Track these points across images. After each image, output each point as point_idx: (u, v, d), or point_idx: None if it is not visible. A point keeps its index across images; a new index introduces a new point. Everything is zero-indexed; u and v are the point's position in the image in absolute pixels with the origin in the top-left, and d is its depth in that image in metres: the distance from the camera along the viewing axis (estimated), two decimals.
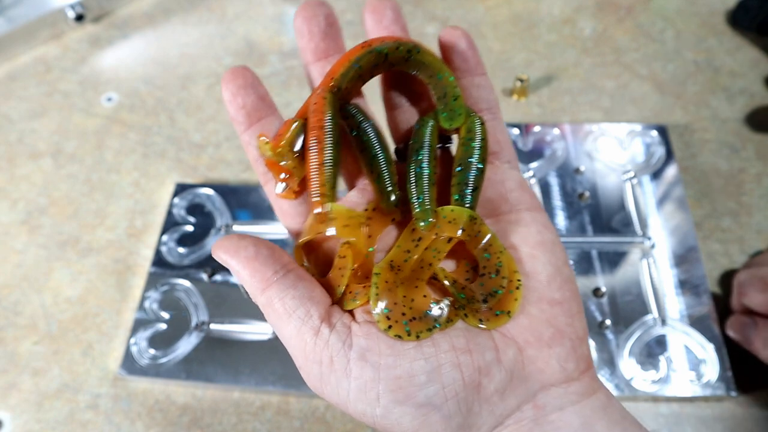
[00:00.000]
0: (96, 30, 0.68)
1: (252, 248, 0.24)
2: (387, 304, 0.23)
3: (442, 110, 0.27)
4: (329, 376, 0.23)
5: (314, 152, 0.24)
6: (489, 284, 0.24)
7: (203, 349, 0.45)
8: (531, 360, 0.24)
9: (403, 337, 0.23)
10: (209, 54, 0.65)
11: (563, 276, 0.25)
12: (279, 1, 0.69)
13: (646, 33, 0.63)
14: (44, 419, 0.44)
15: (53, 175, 0.57)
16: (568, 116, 0.57)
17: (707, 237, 0.49)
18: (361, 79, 0.27)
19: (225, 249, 0.24)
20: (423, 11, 0.67)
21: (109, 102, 0.62)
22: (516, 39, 0.64)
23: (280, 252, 0.24)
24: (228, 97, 0.26)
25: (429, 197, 0.25)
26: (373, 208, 0.26)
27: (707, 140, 0.55)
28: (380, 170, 0.26)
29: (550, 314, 0.25)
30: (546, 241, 0.26)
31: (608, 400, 0.25)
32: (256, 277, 0.24)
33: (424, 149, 0.26)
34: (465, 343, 0.23)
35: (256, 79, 0.27)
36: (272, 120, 0.27)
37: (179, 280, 0.49)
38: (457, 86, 0.27)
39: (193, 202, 0.53)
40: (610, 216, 0.49)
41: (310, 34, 0.27)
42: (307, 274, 0.25)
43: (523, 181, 0.28)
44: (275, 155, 0.26)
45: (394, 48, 0.26)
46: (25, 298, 0.50)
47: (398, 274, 0.24)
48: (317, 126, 0.25)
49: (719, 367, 0.42)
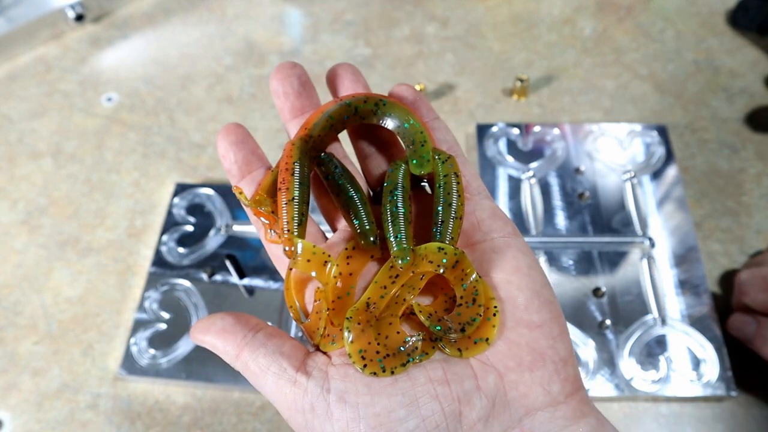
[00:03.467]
0: (96, 30, 0.68)
1: (219, 321, 0.26)
2: (361, 345, 0.24)
3: (412, 157, 0.28)
4: (313, 422, 0.24)
5: (282, 193, 0.26)
6: (466, 313, 0.25)
7: (203, 349, 0.45)
8: (513, 385, 0.24)
9: (378, 374, 0.24)
10: (209, 54, 0.65)
11: (542, 298, 0.25)
12: (279, 1, 0.69)
13: (646, 33, 0.63)
14: (44, 419, 0.44)
15: (53, 175, 0.57)
16: (568, 116, 0.57)
17: (707, 237, 0.49)
18: (333, 130, 0.29)
19: (198, 330, 0.26)
20: (423, 11, 0.67)
21: (109, 102, 0.62)
22: (516, 39, 0.64)
23: (247, 317, 0.26)
24: (222, 152, 0.29)
25: (405, 236, 0.26)
26: (353, 247, 0.27)
27: (707, 140, 0.55)
28: (357, 210, 0.27)
29: (530, 338, 0.25)
30: (521, 265, 0.26)
31: (599, 423, 0.24)
32: (228, 345, 0.25)
33: (398, 190, 0.27)
34: (442, 374, 0.24)
35: (248, 134, 0.29)
36: (262, 171, 0.29)
37: (179, 280, 0.49)
38: (424, 131, 0.28)
39: (193, 202, 0.53)
40: (610, 216, 0.49)
41: (285, 94, 0.29)
42: (277, 331, 0.26)
43: (495, 209, 0.28)
44: (254, 203, 0.27)
45: (362, 101, 0.28)
46: (25, 298, 0.50)
47: (372, 312, 0.25)
48: (284, 169, 0.26)
49: (719, 367, 0.42)
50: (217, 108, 0.60)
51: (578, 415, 0.24)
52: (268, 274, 0.48)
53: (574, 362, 0.25)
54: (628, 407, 0.42)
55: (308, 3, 0.69)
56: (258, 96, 0.61)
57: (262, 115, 0.60)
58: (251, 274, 0.49)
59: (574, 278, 0.47)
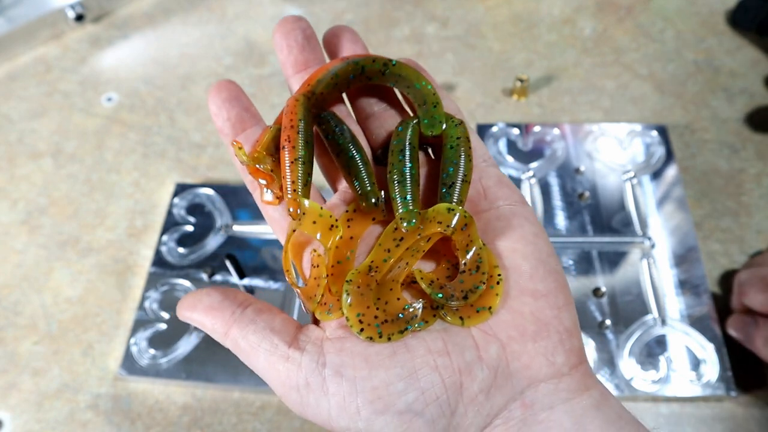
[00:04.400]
0: (96, 30, 0.68)
1: (206, 298, 0.25)
2: (359, 309, 0.23)
3: (424, 116, 0.27)
4: (308, 398, 0.23)
5: (286, 151, 0.25)
6: (469, 281, 0.24)
7: (203, 349, 0.45)
8: (515, 356, 0.23)
9: (374, 339, 0.23)
10: (209, 54, 0.65)
11: (547, 267, 0.25)
12: (279, 1, 0.69)
13: (646, 33, 0.63)
14: (44, 419, 0.44)
15: (53, 175, 0.57)
16: (568, 116, 0.57)
17: (707, 237, 0.49)
18: (337, 89, 0.27)
19: (185, 306, 0.25)
20: (423, 11, 0.67)
21: (109, 102, 0.62)
22: (516, 39, 0.64)
23: (234, 292, 0.25)
24: (214, 110, 0.27)
25: (413, 198, 0.25)
26: (354, 209, 0.26)
27: (707, 140, 0.55)
28: (358, 171, 0.26)
29: (534, 307, 0.24)
30: (527, 233, 0.25)
31: (603, 397, 0.24)
32: (216, 322, 0.24)
33: (406, 150, 0.26)
34: (442, 345, 0.23)
35: (241, 92, 0.28)
36: (257, 130, 0.28)
37: (179, 280, 0.49)
38: (436, 93, 0.27)
39: (193, 202, 0.53)
40: (610, 216, 0.49)
41: (289, 48, 0.28)
42: (266, 306, 0.25)
43: (501, 177, 0.27)
44: (252, 160, 0.26)
45: (370, 61, 0.27)
46: (25, 298, 0.50)
47: (374, 276, 0.24)
48: (288, 126, 0.25)
49: (719, 367, 0.42)
50: None
51: (582, 387, 0.23)
52: (268, 274, 0.48)
53: (579, 334, 0.25)
54: (628, 407, 0.42)
55: (308, 3, 0.69)
56: (258, 96, 0.61)
57: (262, 116, 0.60)
58: (251, 274, 0.49)
59: (574, 278, 0.47)
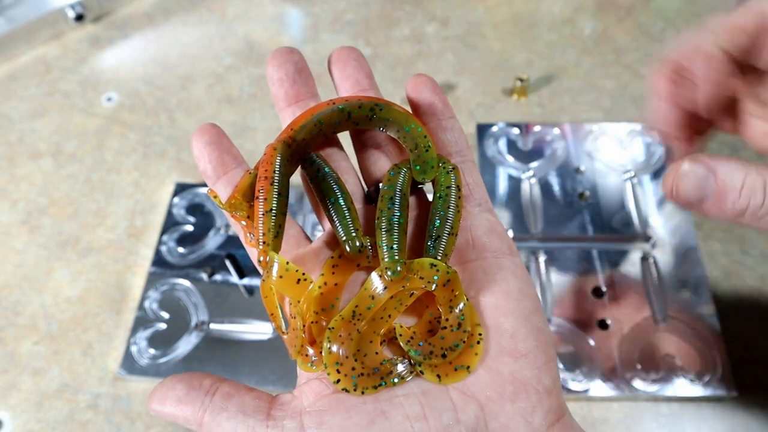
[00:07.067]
0: (96, 30, 0.68)
1: (172, 392, 0.25)
2: (338, 358, 0.23)
3: (415, 162, 0.27)
4: None
5: (260, 201, 0.25)
6: (450, 338, 0.24)
7: (203, 349, 0.45)
8: (493, 416, 0.23)
9: (349, 390, 0.23)
10: (209, 54, 0.65)
11: (530, 326, 0.25)
12: (279, 1, 0.69)
13: (646, 33, 0.63)
14: (44, 419, 0.44)
15: (53, 175, 0.57)
16: (568, 116, 0.57)
17: (707, 237, 0.49)
18: (321, 134, 0.27)
19: (155, 400, 0.25)
20: (423, 11, 0.67)
21: (109, 102, 0.62)
22: (516, 39, 0.64)
23: (200, 378, 0.25)
24: (196, 153, 0.28)
25: (399, 248, 0.24)
26: (339, 255, 0.26)
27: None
28: (342, 217, 0.26)
29: (514, 368, 0.24)
30: (512, 289, 0.25)
31: None
32: (189, 416, 0.24)
33: (396, 197, 0.26)
34: (420, 409, 0.23)
35: (222, 134, 0.28)
36: (239, 172, 0.28)
37: (179, 280, 0.49)
38: (428, 136, 0.27)
39: (193, 202, 0.53)
40: (610, 216, 0.49)
41: (280, 81, 0.28)
42: (234, 385, 0.25)
43: (493, 225, 0.27)
44: (229, 207, 0.26)
45: (356, 107, 0.27)
46: (25, 298, 0.50)
47: (356, 324, 0.24)
48: (263, 177, 0.25)
49: (719, 367, 0.42)
50: (217, 108, 0.60)
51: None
52: None
53: (559, 391, 0.25)
54: (628, 407, 0.42)
55: (308, 3, 0.69)
56: (258, 96, 0.61)
57: (262, 115, 0.60)
58: (251, 273, 0.49)
59: (574, 278, 0.47)
